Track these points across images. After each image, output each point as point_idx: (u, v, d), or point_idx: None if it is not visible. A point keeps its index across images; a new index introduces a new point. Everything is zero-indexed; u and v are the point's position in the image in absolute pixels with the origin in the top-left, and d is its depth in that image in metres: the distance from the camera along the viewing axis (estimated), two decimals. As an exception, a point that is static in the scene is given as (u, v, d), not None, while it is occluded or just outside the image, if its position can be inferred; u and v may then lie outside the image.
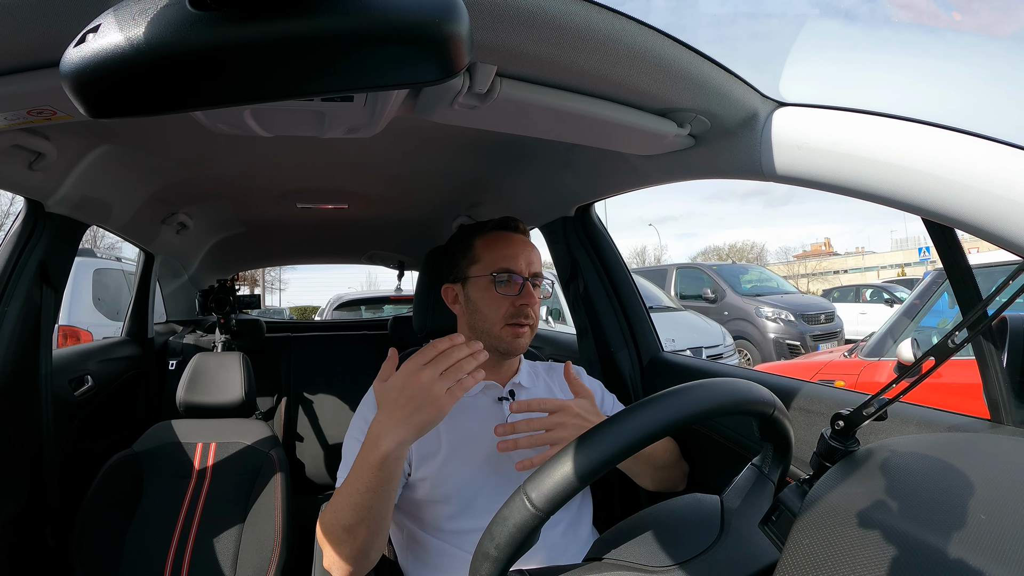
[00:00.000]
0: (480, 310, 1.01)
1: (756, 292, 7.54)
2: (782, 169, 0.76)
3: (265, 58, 0.28)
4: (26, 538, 1.20)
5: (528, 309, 0.99)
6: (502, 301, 0.99)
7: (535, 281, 1.01)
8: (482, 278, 1.01)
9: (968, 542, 0.39)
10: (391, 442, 0.74)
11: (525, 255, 1.02)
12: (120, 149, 1.18)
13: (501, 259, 1.01)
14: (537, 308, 1.02)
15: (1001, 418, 0.74)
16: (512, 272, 1.00)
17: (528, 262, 1.02)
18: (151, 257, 2.02)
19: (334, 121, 0.81)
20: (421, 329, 1.27)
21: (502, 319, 0.99)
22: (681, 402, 0.53)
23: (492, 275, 1.00)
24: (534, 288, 1.01)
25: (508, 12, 0.57)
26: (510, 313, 0.99)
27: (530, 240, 1.07)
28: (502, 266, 1.00)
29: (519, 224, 1.07)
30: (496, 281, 0.99)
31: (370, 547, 0.81)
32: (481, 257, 1.03)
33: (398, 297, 4.78)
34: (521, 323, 0.99)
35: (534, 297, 1.00)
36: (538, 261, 1.04)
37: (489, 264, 1.01)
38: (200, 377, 1.54)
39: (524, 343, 1.01)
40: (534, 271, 1.02)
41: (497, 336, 0.99)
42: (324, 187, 1.61)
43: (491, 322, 0.99)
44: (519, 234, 1.06)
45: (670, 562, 0.53)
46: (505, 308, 0.99)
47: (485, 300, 1.00)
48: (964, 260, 0.75)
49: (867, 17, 20.54)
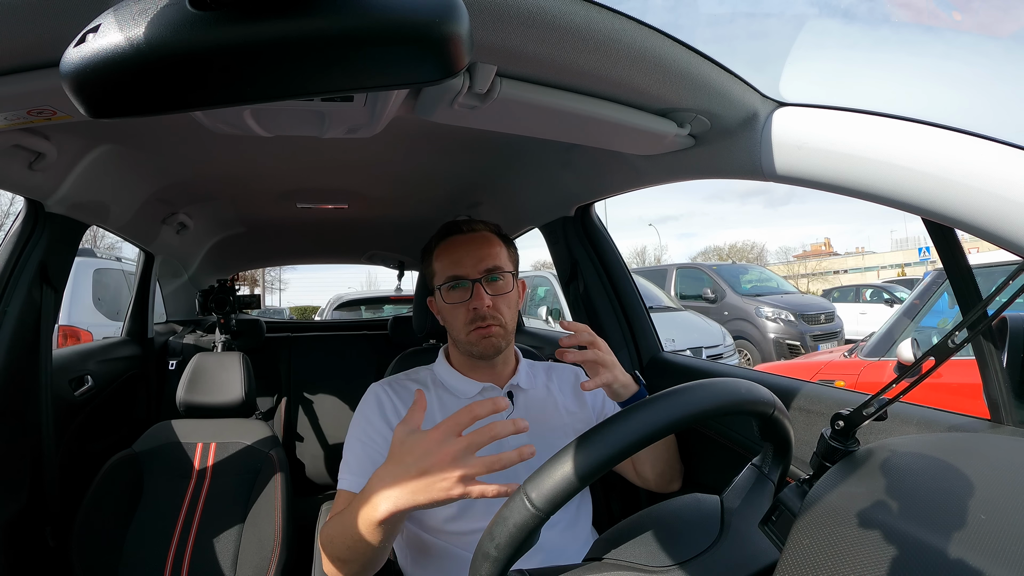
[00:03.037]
0: (447, 320, 1.02)
1: (756, 292, 7.54)
2: (782, 169, 0.76)
3: (265, 58, 0.28)
4: (26, 538, 1.20)
5: (482, 310, 0.97)
6: (458, 308, 0.98)
7: (488, 278, 0.99)
8: (440, 289, 1.01)
9: (968, 542, 0.39)
10: (391, 506, 0.67)
11: (473, 255, 0.99)
12: (120, 149, 1.18)
13: (448, 267, 1.00)
14: (503, 303, 0.99)
15: (1001, 418, 0.74)
16: (459, 278, 0.98)
17: (477, 260, 0.99)
18: (151, 257, 2.02)
19: (334, 121, 0.81)
20: (421, 329, 1.28)
21: (464, 325, 0.98)
22: (681, 402, 0.53)
23: (440, 287, 1.00)
24: (491, 283, 0.99)
25: (508, 12, 0.57)
26: (469, 319, 0.98)
27: (485, 234, 1.03)
28: (449, 274, 0.99)
29: (464, 225, 1.04)
30: (447, 290, 0.99)
31: (370, 569, 0.80)
32: (436, 269, 1.03)
33: (398, 297, 4.78)
34: (481, 325, 0.97)
35: (485, 297, 0.97)
36: (494, 256, 1.00)
37: (441, 274, 1.01)
38: (200, 377, 1.54)
39: (495, 343, 0.98)
40: (485, 268, 0.99)
41: (467, 341, 0.99)
42: (324, 187, 1.61)
43: (457, 329, 1.00)
44: (466, 234, 1.03)
45: (670, 562, 0.53)
46: (463, 314, 0.98)
47: (447, 310, 1.01)
48: (964, 260, 0.75)
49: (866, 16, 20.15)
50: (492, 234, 1.04)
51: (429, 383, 1.05)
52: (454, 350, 1.07)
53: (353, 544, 0.73)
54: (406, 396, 1.01)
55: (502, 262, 1.01)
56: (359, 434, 0.96)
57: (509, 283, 1.01)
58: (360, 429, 0.97)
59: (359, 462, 0.93)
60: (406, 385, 1.04)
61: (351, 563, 0.77)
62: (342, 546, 0.76)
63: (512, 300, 1.01)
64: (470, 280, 0.98)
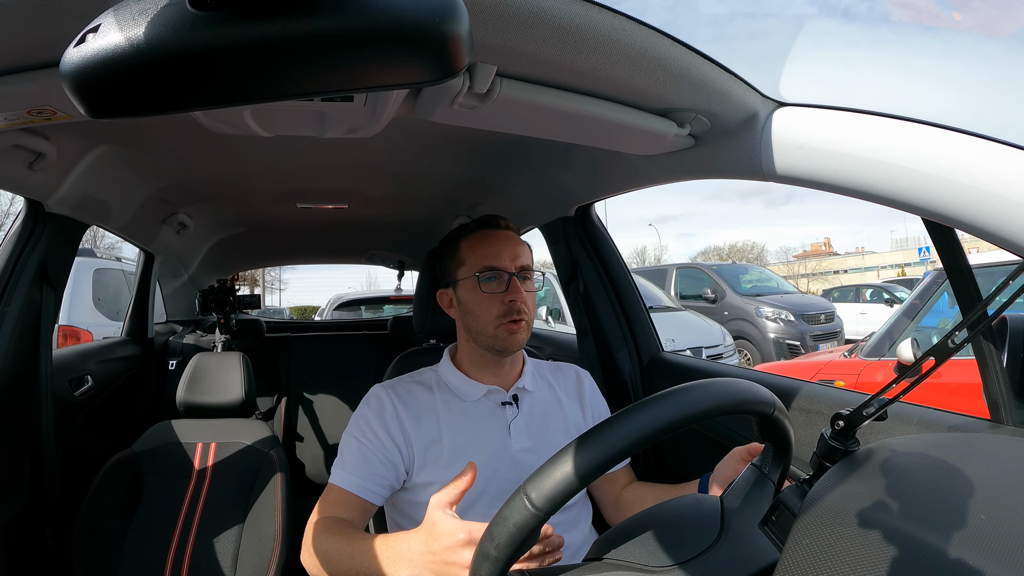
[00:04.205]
0: (472, 312, 1.00)
1: (756, 292, 7.54)
2: (782, 169, 0.76)
3: (265, 58, 0.28)
4: (26, 538, 1.20)
5: (518, 304, 0.97)
6: (491, 300, 0.98)
7: (523, 275, 1.00)
8: (469, 280, 1.00)
9: (968, 542, 0.39)
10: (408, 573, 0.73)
11: (510, 250, 1.00)
12: (120, 149, 1.18)
13: (484, 257, 0.99)
14: (529, 301, 1.00)
15: (1001, 418, 0.74)
16: (497, 269, 0.98)
17: (514, 256, 1.00)
18: (151, 257, 2.02)
19: (334, 121, 0.81)
20: (421, 329, 1.27)
21: (494, 319, 0.97)
22: (681, 402, 0.52)
23: (477, 275, 0.99)
24: (523, 281, 0.99)
25: (508, 12, 0.57)
26: (501, 312, 0.97)
27: (516, 235, 1.05)
28: (486, 264, 0.99)
29: (501, 220, 1.05)
30: (482, 280, 0.98)
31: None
32: (466, 259, 1.02)
33: (398, 297, 4.78)
34: (515, 319, 0.97)
35: (522, 291, 0.98)
36: (526, 255, 1.03)
37: (474, 265, 1.00)
38: (200, 377, 1.54)
39: (521, 339, 0.99)
40: (521, 265, 1.00)
41: (492, 335, 0.98)
42: (324, 187, 1.61)
43: (484, 322, 0.98)
44: (502, 230, 1.04)
45: (670, 562, 0.53)
46: (496, 307, 0.97)
47: (475, 301, 0.99)
48: (964, 260, 0.75)
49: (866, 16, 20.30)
50: (519, 236, 1.07)
51: (433, 385, 1.04)
52: (465, 347, 1.05)
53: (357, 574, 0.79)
54: (408, 399, 1.00)
55: (531, 262, 1.03)
56: (357, 433, 0.96)
57: (535, 284, 1.03)
58: (358, 428, 0.97)
59: (354, 459, 0.93)
60: (409, 387, 1.03)
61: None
62: (341, 570, 0.81)
63: (534, 301, 1.03)
64: (508, 273, 0.98)
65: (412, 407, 0.99)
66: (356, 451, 0.94)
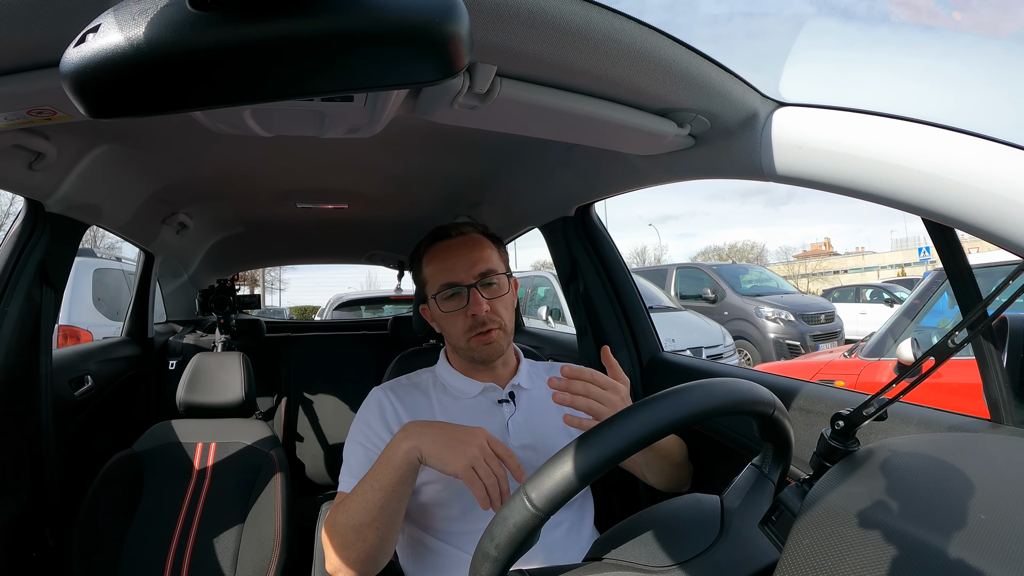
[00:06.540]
0: (444, 328, 1.01)
1: (756, 292, 7.54)
2: (782, 169, 0.76)
3: (265, 58, 0.28)
4: (26, 538, 1.20)
5: (483, 316, 0.95)
6: (455, 316, 0.97)
7: (485, 281, 0.97)
8: (435, 298, 0.99)
9: (968, 542, 0.39)
10: (413, 443, 0.78)
11: (465, 260, 0.97)
12: (120, 149, 1.18)
13: (440, 273, 0.98)
14: (500, 306, 0.97)
15: (1001, 418, 0.74)
16: (454, 284, 0.96)
17: (471, 265, 0.96)
18: (151, 257, 2.02)
19: (334, 121, 0.81)
20: (421, 329, 1.28)
21: (463, 333, 0.97)
22: (681, 402, 0.53)
23: (434, 297, 0.98)
24: (486, 287, 0.97)
25: (508, 12, 0.57)
26: (468, 326, 0.96)
27: (474, 237, 1.01)
28: (443, 282, 0.97)
29: (453, 229, 1.02)
30: (442, 300, 0.97)
31: (378, 552, 0.80)
32: (428, 277, 1.01)
33: (398, 297, 4.78)
34: (481, 331, 0.96)
35: (483, 302, 0.95)
36: (487, 259, 0.98)
37: (434, 282, 0.99)
38: (200, 377, 1.54)
39: (497, 346, 0.97)
40: (479, 272, 0.96)
41: (467, 348, 0.98)
42: (324, 187, 1.61)
43: (456, 337, 0.98)
44: (455, 239, 1.00)
45: (670, 562, 0.53)
46: (460, 322, 0.96)
47: (443, 318, 0.99)
48: (964, 260, 0.75)
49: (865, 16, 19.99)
50: (481, 235, 1.02)
51: (430, 385, 1.04)
52: (454, 354, 1.06)
53: (364, 502, 0.79)
54: (407, 399, 1.01)
55: (495, 264, 0.99)
56: (360, 437, 0.96)
57: (504, 285, 0.99)
58: (361, 433, 0.97)
59: (360, 465, 0.93)
60: (408, 388, 1.04)
61: (367, 528, 0.79)
62: (359, 507, 0.80)
63: (509, 301, 1.00)
64: (465, 286, 0.96)
65: (410, 407, 0.99)
66: (361, 455, 0.94)
